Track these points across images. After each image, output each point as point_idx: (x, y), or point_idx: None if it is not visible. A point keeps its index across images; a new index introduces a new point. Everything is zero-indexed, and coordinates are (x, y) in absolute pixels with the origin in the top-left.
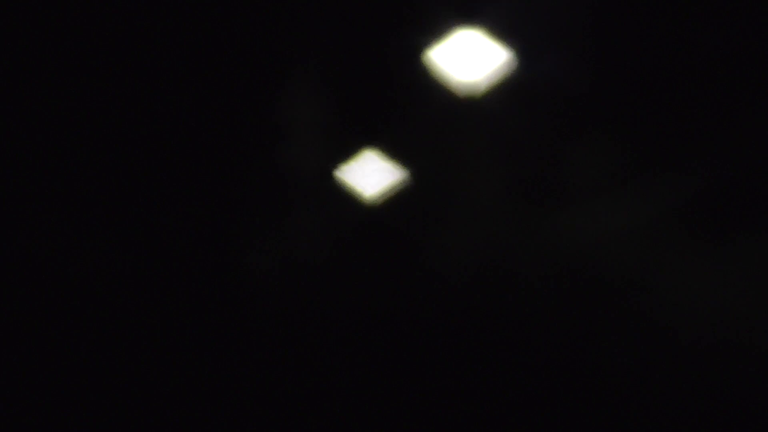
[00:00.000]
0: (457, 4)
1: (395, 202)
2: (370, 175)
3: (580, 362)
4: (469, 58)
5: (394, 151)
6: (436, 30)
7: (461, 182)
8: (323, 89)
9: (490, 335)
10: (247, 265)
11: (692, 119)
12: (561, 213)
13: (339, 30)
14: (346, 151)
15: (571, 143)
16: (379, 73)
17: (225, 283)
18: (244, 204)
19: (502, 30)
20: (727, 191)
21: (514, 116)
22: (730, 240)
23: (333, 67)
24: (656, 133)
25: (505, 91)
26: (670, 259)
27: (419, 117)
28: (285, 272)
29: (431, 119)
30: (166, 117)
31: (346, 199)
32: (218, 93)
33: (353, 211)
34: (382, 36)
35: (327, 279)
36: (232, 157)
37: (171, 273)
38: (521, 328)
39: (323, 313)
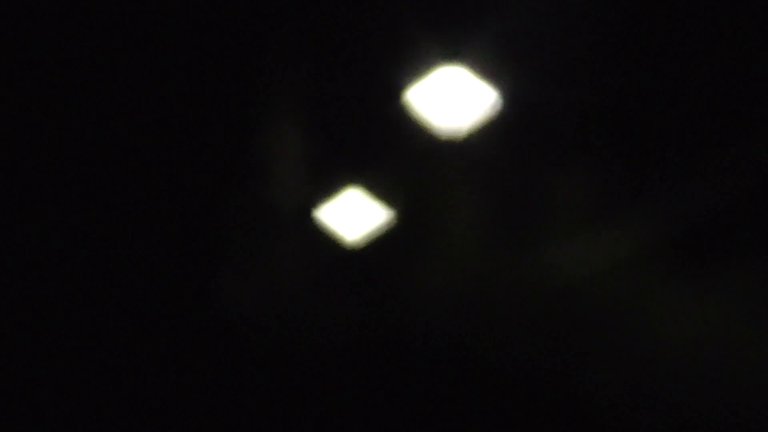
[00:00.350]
0: (441, 45)
1: (377, 240)
2: (352, 214)
3: (561, 395)
4: (452, 97)
5: (376, 190)
6: (419, 69)
7: (443, 220)
8: (305, 129)
9: (473, 370)
10: (226, 305)
11: (673, 154)
12: (542, 249)
13: (322, 69)
14: (328, 190)
15: (552, 180)
16: (363, 113)
17: (202, 322)
18: (227, 243)
19: (485, 69)
20: (707, 224)
21: (497, 154)
22: (710, 272)
23: (316, 106)
24: (637, 170)
25: (488, 129)
26: (650, 292)
27: (402, 156)
28: (264, 310)
29: (414, 158)
30: (148, 154)
31: (327, 237)
32: (199, 130)
33: (334, 249)
34: (365, 75)
35: (307, 315)
36: (212, 196)
37: (148, 310)
38: (503, 363)
39: (303, 350)
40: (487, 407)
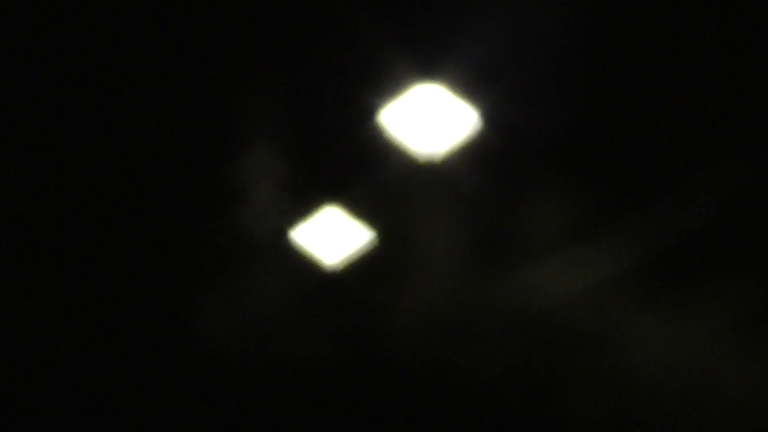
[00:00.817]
0: (418, 65)
1: (354, 263)
2: (329, 237)
3: (539, 418)
4: (430, 118)
5: (353, 212)
6: (396, 90)
7: (421, 242)
8: (280, 151)
9: (451, 394)
10: (199, 333)
11: (650, 176)
12: (520, 272)
13: (297, 91)
14: (304, 213)
15: (530, 203)
16: (339, 134)
17: (174, 351)
18: (201, 268)
19: (463, 90)
20: (683, 247)
21: (474, 175)
22: (686, 295)
23: (292, 128)
24: (613, 192)
25: (465, 150)
26: (627, 315)
27: (379, 179)
28: (241, 335)
29: (391, 180)
30: (118, 177)
31: (304, 261)
32: (172, 153)
33: (311, 272)
34: (341, 96)
35: (286, 338)
36: (184, 220)
37: (119, 338)
38: (481, 386)
39: (282, 374)
40: (466, 430)
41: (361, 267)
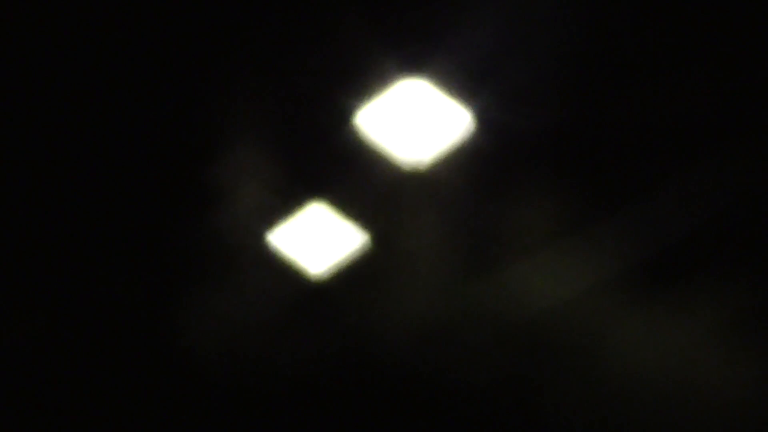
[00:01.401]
0: (405, 65)
1: (340, 269)
2: (315, 241)
3: (527, 424)
4: (417, 121)
5: (339, 216)
6: (380, 92)
7: (409, 247)
8: (262, 154)
9: (438, 401)
10: (180, 342)
11: (639, 178)
12: (508, 277)
13: (279, 94)
14: (289, 216)
15: (522, 207)
16: (321, 136)
17: (154, 361)
18: (181, 275)
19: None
20: (672, 250)
21: (466, 179)
22: (675, 299)
23: (274, 130)
24: (602, 195)
25: (453, 154)
26: (616, 320)
27: (366, 182)
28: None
29: (379, 184)
30: (99, 180)
31: (289, 266)
32: (152, 156)
33: (297, 278)
34: (324, 96)
35: (269, 345)
36: (164, 225)
37: (103, 343)
38: (469, 393)
39: (266, 383)
40: None
41: (347, 273)
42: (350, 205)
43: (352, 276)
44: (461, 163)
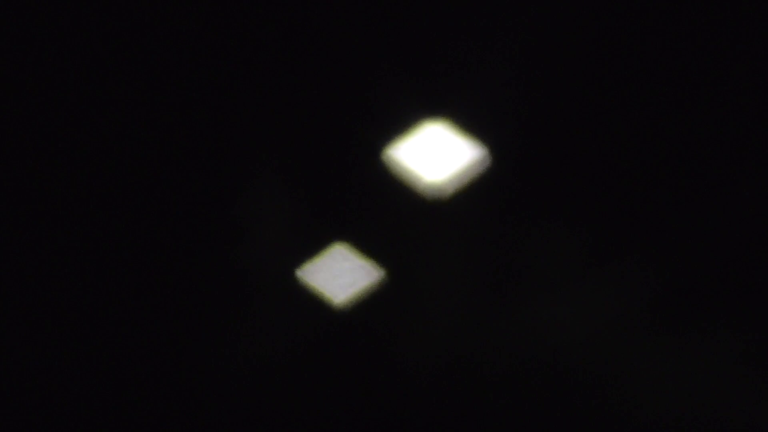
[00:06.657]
0: (425, 103)
1: (363, 303)
2: (337, 276)
3: None
4: (437, 154)
5: (362, 250)
6: (403, 126)
7: (428, 280)
8: (287, 189)
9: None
10: (205, 375)
11: (665, 211)
12: (531, 310)
13: (302, 127)
14: (312, 252)
15: (541, 238)
16: (345, 171)
17: (178, 395)
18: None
19: (472, 126)
20: (700, 286)
21: (485, 212)
22: (696, 333)
23: (297, 166)
24: (624, 230)
25: (473, 186)
26: (638, 354)
27: (388, 216)
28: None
29: (398, 219)
30: (125, 218)
31: (313, 301)
32: (177, 190)
33: (320, 312)
34: (346, 133)
35: (294, 381)
36: (188, 260)
37: (129, 381)
38: (488, 425)
39: (290, 414)
40: None
41: (369, 305)
42: (375, 238)
43: (376, 308)
44: (482, 197)
